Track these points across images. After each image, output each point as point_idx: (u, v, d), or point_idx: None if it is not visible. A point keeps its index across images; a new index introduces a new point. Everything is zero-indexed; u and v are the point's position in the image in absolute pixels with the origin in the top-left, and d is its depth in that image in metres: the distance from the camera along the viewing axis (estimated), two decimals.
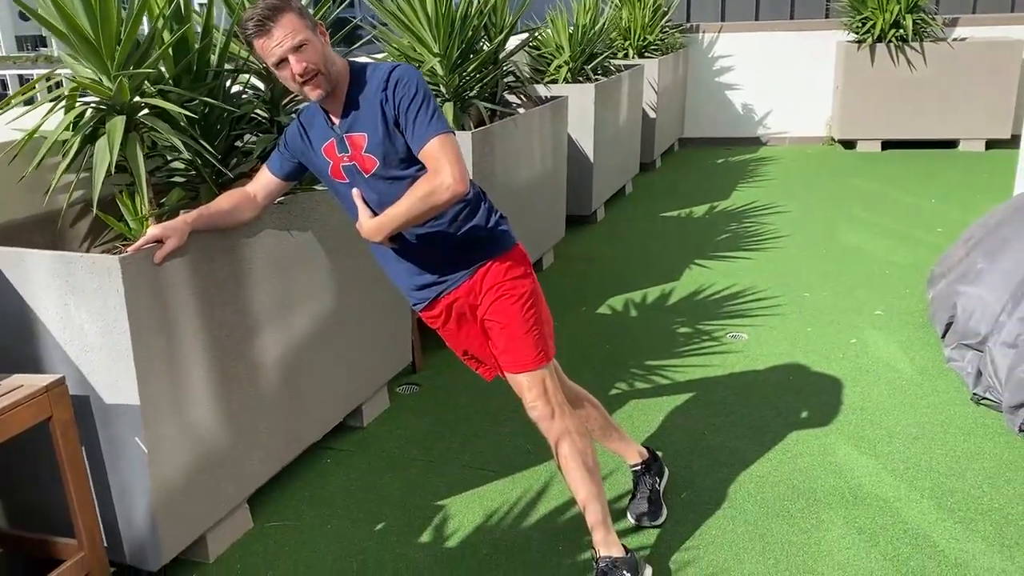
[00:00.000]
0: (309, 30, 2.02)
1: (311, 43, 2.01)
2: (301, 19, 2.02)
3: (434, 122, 2.04)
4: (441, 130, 2.04)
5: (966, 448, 2.88)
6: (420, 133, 2.04)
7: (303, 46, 2.00)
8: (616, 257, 5.18)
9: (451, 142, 2.04)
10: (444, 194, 2.01)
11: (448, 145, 2.03)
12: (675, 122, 8.40)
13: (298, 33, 1.99)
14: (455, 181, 2.00)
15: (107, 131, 2.28)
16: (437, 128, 2.03)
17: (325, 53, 2.05)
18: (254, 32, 2.00)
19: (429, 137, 2.03)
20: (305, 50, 2.00)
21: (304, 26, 2.01)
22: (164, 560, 2.28)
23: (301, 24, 2.01)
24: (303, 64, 2.00)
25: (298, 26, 2.00)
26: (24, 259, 2.11)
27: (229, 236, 2.36)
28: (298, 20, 2.01)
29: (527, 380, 2.24)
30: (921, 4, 7.51)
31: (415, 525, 2.60)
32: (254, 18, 1.99)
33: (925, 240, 5.18)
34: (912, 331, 3.85)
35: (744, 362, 3.62)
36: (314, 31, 2.04)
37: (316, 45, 2.03)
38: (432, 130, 2.03)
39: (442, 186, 2.01)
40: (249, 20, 2.00)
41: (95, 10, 2.24)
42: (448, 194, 2.01)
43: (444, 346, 3.77)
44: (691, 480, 2.77)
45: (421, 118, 2.04)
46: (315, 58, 2.02)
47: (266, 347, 2.55)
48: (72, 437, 2.00)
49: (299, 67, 2.00)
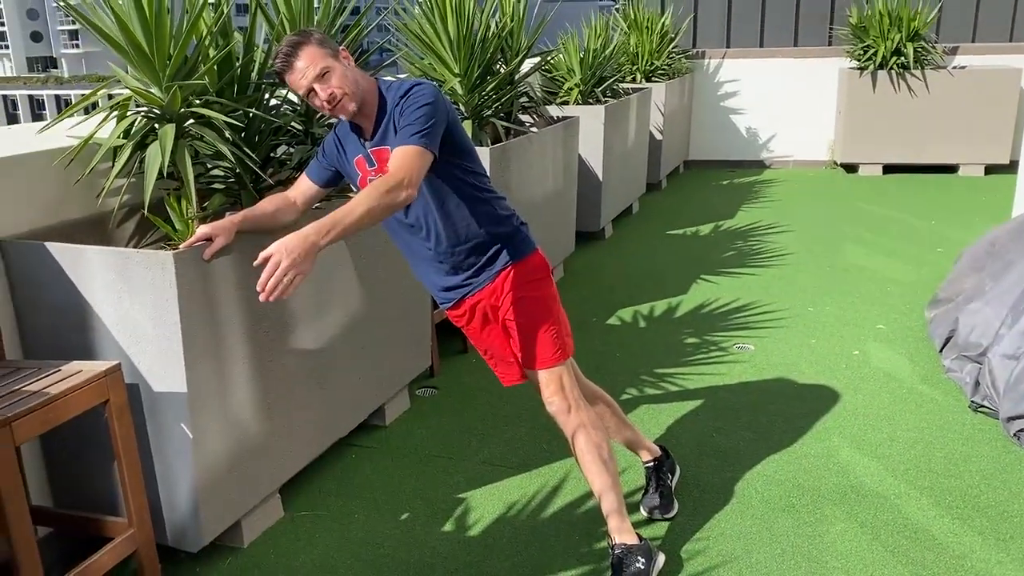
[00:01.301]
0: (330, 57, 2.18)
1: (333, 69, 2.17)
2: (321, 48, 2.17)
3: (415, 136, 2.10)
4: (417, 142, 2.08)
5: (964, 451, 3.01)
6: (400, 137, 2.13)
7: (325, 74, 2.16)
8: (624, 272, 5.34)
9: (419, 153, 2.07)
10: (390, 199, 1.99)
11: (416, 158, 2.06)
12: (681, 144, 8.58)
13: (319, 62, 2.15)
14: (402, 187, 2.00)
15: (159, 138, 2.44)
16: (415, 140, 2.09)
17: (347, 75, 2.19)
18: (281, 69, 2.18)
19: (403, 143, 2.10)
20: (328, 77, 2.16)
21: (324, 55, 2.17)
22: (204, 542, 2.41)
23: (321, 53, 2.17)
24: (328, 91, 2.17)
25: (318, 56, 2.16)
26: (82, 255, 2.26)
27: (271, 237, 2.49)
28: (318, 50, 2.17)
29: (545, 376, 2.39)
30: (922, 33, 7.72)
31: (437, 516, 2.73)
32: (279, 56, 2.17)
33: (926, 259, 5.33)
34: (912, 344, 3.99)
35: (750, 371, 3.76)
36: (336, 57, 2.19)
37: (338, 70, 2.18)
38: (411, 140, 2.09)
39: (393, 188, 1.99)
40: (276, 59, 2.19)
41: (151, 26, 2.41)
42: (393, 200, 2.00)
43: (462, 351, 3.97)
44: (700, 478, 2.90)
45: (408, 128, 2.13)
46: (338, 82, 2.17)
47: (300, 344, 2.69)
48: (126, 420, 2.14)
49: (325, 94, 2.17)
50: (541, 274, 2.41)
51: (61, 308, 2.32)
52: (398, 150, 2.12)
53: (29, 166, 2.44)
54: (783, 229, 6.22)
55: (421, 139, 2.11)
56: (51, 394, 1.96)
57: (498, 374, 2.57)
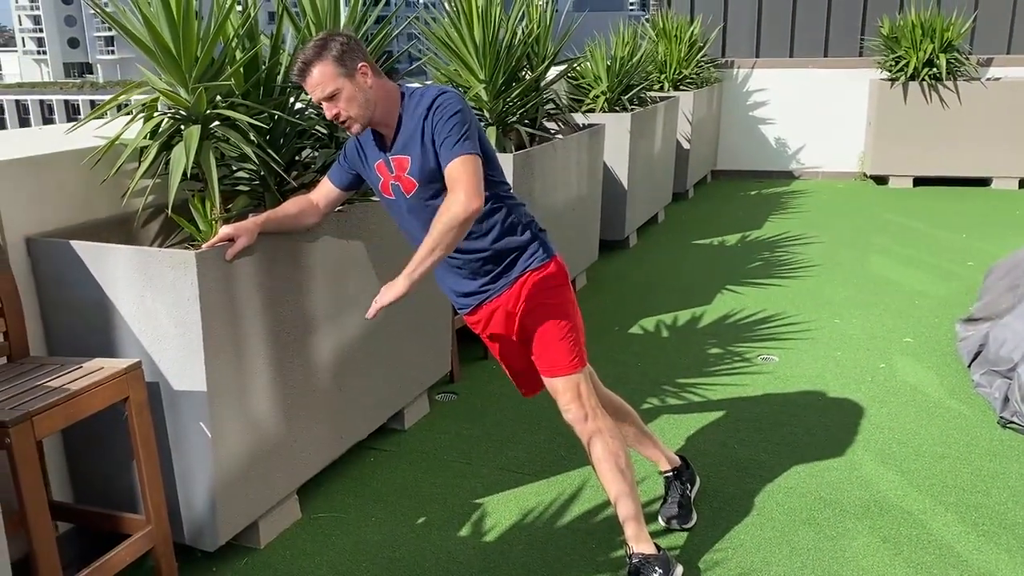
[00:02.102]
0: (343, 77, 2.16)
1: (343, 91, 2.17)
2: (336, 66, 2.16)
3: (459, 144, 2.15)
4: (463, 151, 2.15)
5: (991, 468, 2.95)
6: (445, 155, 2.17)
7: (334, 96, 2.17)
8: (648, 281, 5.31)
9: (472, 163, 2.14)
10: (461, 213, 2.10)
11: (469, 166, 2.13)
12: (708, 154, 8.54)
13: (328, 85, 2.16)
14: (468, 198, 2.10)
15: (184, 139, 2.46)
16: (460, 151, 2.15)
17: (356, 97, 2.18)
18: (297, 79, 2.21)
19: (451, 158, 2.16)
20: (336, 99, 2.17)
21: (336, 75, 2.16)
22: (220, 541, 2.42)
23: (333, 74, 2.15)
24: (333, 111, 2.20)
25: (329, 77, 2.15)
26: (106, 253, 2.28)
27: (292, 239, 2.52)
28: (331, 69, 2.15)
29: (562, 384, 2.37)
30: (955, 44, 7.62)
31: (454, 521, 2.72)
32: (296, 65, 2.19)
33: (956, 273, 5.25)
34: (941, 358, 3.92)
35: (774, 383, 3.72)
36: (350, 76, 2.17)
37: (349, 91, 2.17)
38: (455, 152, 2.15)
39: (458, 204, 2.10)
40: (293, 68, 2.20)
41: (178, 27, 2.43)
42: (463, 210, 2.10)
43: (481, 358, 3.96)
44: (720, 489, 2.86)
45: (450, 141, 2.16)
46: (344, 105, 2.18)
47: (320, 346, 2.70)
48: (146, 417, 2.16)
49: (330, 114, 2.20)
50: (559, 281, 2.40)
51: (85, 306, 2.34)
52: (450, 167, 2.15)
53: (57, 165, 2.48)
54: (811, 240, 6.16)
55: (465, 145, 2.15)
56: (71, 390, 1.98)
57: (517, 384, 2.56)
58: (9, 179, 2.34)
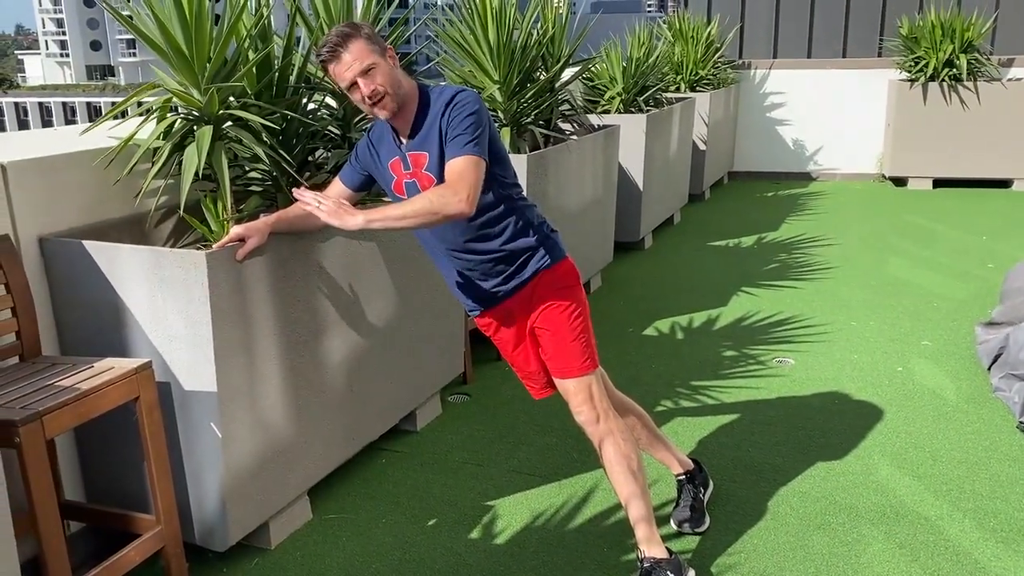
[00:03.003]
0: (377, 55, 2.17)
1: (379, 66, 2.16)
2: (370, 44, 2.16)
3: (469, 144, 2.14)
4: (473, 151, 2.14)
5: (1011, 473, 2.91)
6: (452, 149, 2.15)
7: (371, 70, 2.15)
8: (663, 283, 5.28)
9: (477, 167, 2.13)
10: (449, 209, 2.06)
11: (472, 168, 2.12)
12: (725, 155, 8.49)
13: (366, 58, 2.15)
14: (463, 202, 2.07)
15: (196, 139, 2.47)
16: (469, 150, 2.14)
17: (393, 75, 2.19)
18: (327, 58, 2.17)
19: (458, 155, 2.14)
20: (373, 74, 2.16)
21: (372, 51, 2.16)
22: (231, 542, 2.42)
23: (369, 49, 2.16)
24: (371, 87, 2.16)
25: (366, 52, 2.15)
26: (118, 253, 2.29)
27: (304, 240, 2.52)
28: (367, 46, 2.16)
29: (574, 385, 2.35)
30: (976, 44, 7.54)
31: (465, 523, 2.71)
32: (327, 44, 2.16)
33: (976, 275, 5.19)
34: (959, 362, 3.87)
35: (789, 386, 3.68)
36: (383, 55, 2.18)
37: (384, 68, 2.17)
38: (464, 150, 2.13)
39: (450, 203, 2.06)
40: (323, 47, 2.17)
41: (191, 28, 2.44)
42: (453, 211, 2.07)
43: (494, 359, 3.95)
44: (734, 493, 2.84)
45: (461, 138, 2.15)
46: (383, 80, 2.16)
47: (331, 347, 2.70)
48: (156, 417, 2.16)
49: (368, 89, 2.16)
50: (571, 281, 2.39)
51: (97, 305, 2.35)
52: (455, 161, 2.13)
53: (70, 166, 2.49)
54: (828, 242, 6.10)
55: (475, 147, 2.14)
56: (82, 390, 1.99)
57: (528, 386, 2.54)
58: (23, 179, 2.35)
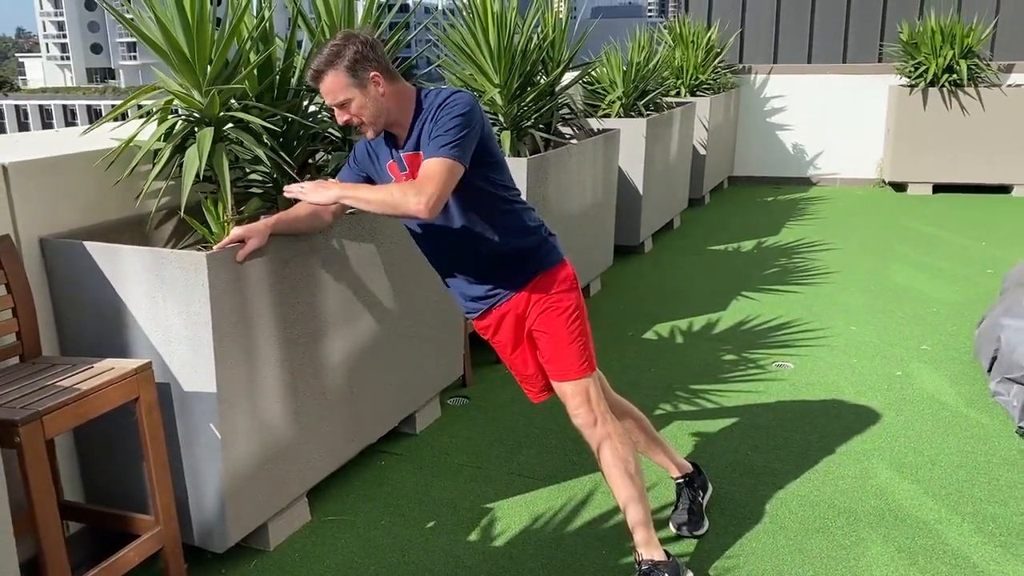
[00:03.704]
0: (354, 87, 2.16)
1: (354, 99, 2.18)
2: (346, 77, 2.15)
3: (447, 147, 2.11)
4: (448, 154, 2.09)
5: (1010, 478, 2.91)
6: (430, 149, 2.13)
7: (344, 104, 2.19)
8: (662, 287, 5.28)
9: (450, 171, 2.09)
10: (407, 206, 2.07)
11: (445, 172, 2.08)
12: (725, 160, 8.50)
13: (339, 94, 2.17)
14: (425, 205, 2.05)
15: (197, 141, 2.47)
16: (446, 152, 2.10)
17: (372, 103, 2.19)
18: (311, 82, 2.22)
19: (437, 154, 2.11)
20: (348, 106, 2.19)
21: (347, 84, 2.16)
22: (229, 543, 2.42)
23: (344, 83, 2.16)
24: (344, 118, 2.21)
25: (340, 86, 2.16)
26: (118, 254, 2.29)
27: (304, 241, 2.53)
28: (342, 79, 2.16)
29: (571, 388, 2.36)
30: (976, 50, 7.55)
31: (463, 526, 2.71)
32: (310, 71, 2.20)
33: (975, 280, 5.19)
34: (959, 366, 3.88)
35: (789, 390, 3.68)
36: (361, 85, 2.16)
37: (359, 100, 2.18)
38: (442, 152, 2.10)
39: (411, 201, 2.06)
40: (308, 72, 2.21)
41: (192, 30, 2.45)
42: (411, 209, 2.06)
43: (494, 362, 3.95)
44: (733, 496, 2.84)
45: (440, 139, 2.12)
46: (357, 111, 2.19)
47: (331, 348, 2.70)
48: (156, 418, 2.16)
49: (341, 120, 2.22)
50: (569, 285, 2.39)
51: (97, 306, 2.35)
52: (428, 162, 2.11)
53: (71, 167, 2.49)
54: (828, 247, 6.11)
55: (452, 150, 2.11)
56: (82, 390, 1.99)
57: (525, 389, 2.54)
58: (24, 180, 2.35)
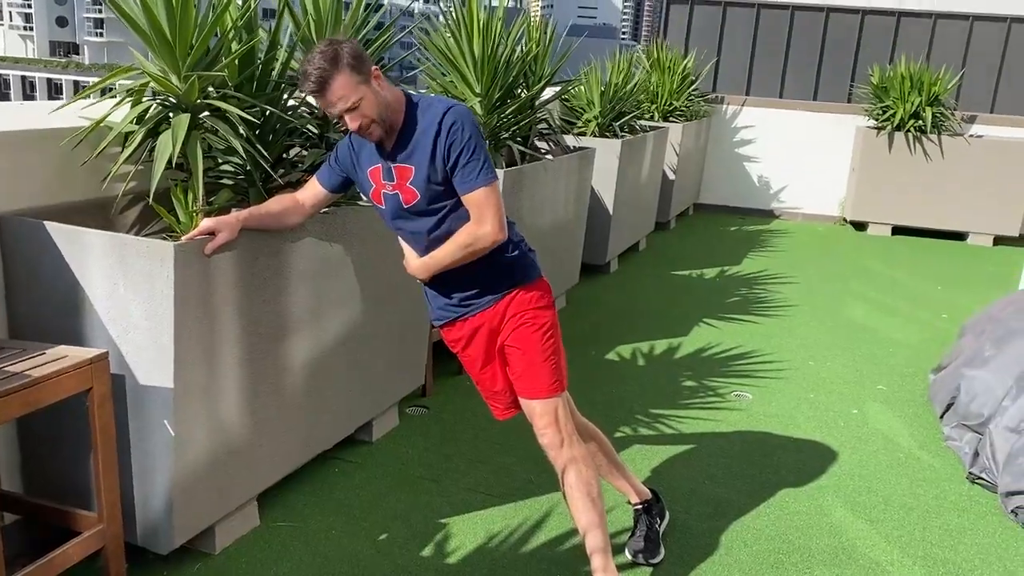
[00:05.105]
0: (363, 85, 2.10)
1: (365, 99, 2.10)
2: (353, 76, 2.08)
3: (483, 172, 2.16)
4: (487, 181, 2.17)
5: (960, 523, 2.94)
6: (469, 179, 2.15)
7: (354, 107, 2.10)
8: (626, 308, 5.28)
9: (495, 193, 2.19)
10: (485, 243, 2.20)
11: (493, 196, 2.18)
12: (692, 186, 8.58)
13: (351, 95, 2.08)
14: (494, 231, 2.18)
15: (172, 126, 2.40)
16: (485, 179, 2.16)
17: (378, 101, 2.13)
18: (312, 93, 2.10)
19: (477, 187, 2.15)
20: (360, 107, 2.10)
21: (356, 83, 2.08)
22: (174, 545, 2.33)
23: (353, 83, 2.08)
24: (357, 123, 2.12)
25: (350, 87, 2.08)
26: (80, 238, 2.20)
27: (274, 238, 2.46)
28: (350, 79, 2.07)
29: (540, 407, 2.32)
30: (942, 98, 7.73)
31: (416, 540, 2.66)
32: (311, 78, 2.07)
33: (930, 324, 5.29)
34: (912, 408, 3.93)
35: (746, 420, 3.69)
36: (367, 81, 2.11)
37: (369, 98, 2.11)
38: (481, 180, 2.15)
39: (484, 236, 2.19)
40: (307, 79, 2.08)
41: (176, 12, 2.37)
42: (489, 243, 2.20)
43: (455, 373, 3.90)
44: (688, 526, 2.82)
45: (472, 166, 2.15)
46: (369, 112, 2.11)
47: (293, 350, 2.63)
48: (108, 410, 2.08)
49: (354, 125, 2.12)
50: (546, 302, 2.37)
51: (53, 290, 2.26)
52: (474, 195, 2.16)
53: (35, 143, 2.40)
54: (788, 280, 6.18)
55: (487, 174, 2.16)
56: (33, 376, 1.90)
57: (491, 406, 2.50)
58: None
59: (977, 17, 8.36)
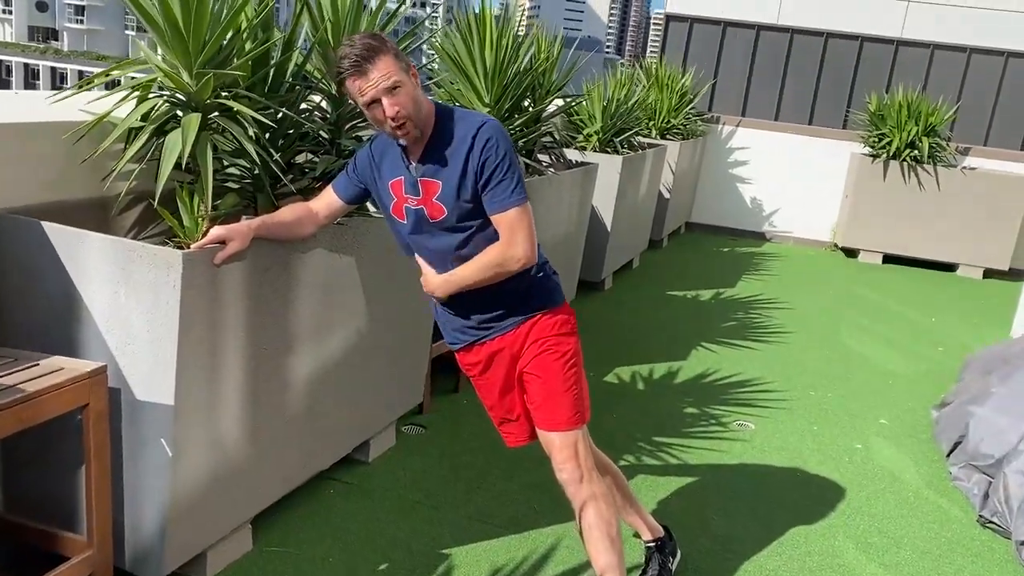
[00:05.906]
0: (403, 72, 2.00)
1: (404, 86, 1.99)
2: (396, 61, 1.99)
3: (515, 192, 2.07)
4: (520, 201, 2.08)
5: (973, 569, 2.86)
6: (500, 199, 2.06)
7: (397, 88, 1.98)
8: (624, 328, 5.19)
9: (528, 214, 2.09)
10: (515, 265, 2.11)
11: (525, 217, 2.09)
12: (686, 205, 8.52)
13: (392, 75, 1.97)
14: (526, 253, 2.09)
15: (182, 125, 2.26)
16: (517, 199, 2.07)
17: (416, 97, 2.03)
18: (349, 71, 1.97)
19: (509, 207, 2.06)
20: (399, 93, 1.98)
21: (399, 68, 1.99)
22: (165, 571, 2.19)
23: (396, 66, 1.99)
24: (395, 108, 1.98)
25: (393, 68, 1.98)
26: (82, 240, 2.06)
27: (286, 249, 2.33)
28: (394, 62, 1.99)
29: (560, 439, 2.20)
30: (938, 129, 7.74)
31: (418, 570, 2.53)
32: (350, 57, 1.96)
33: (926, 356, 5.24)
34: (916, 444, 3.86)
35: (751, 452, 3.60)
36: (407, 74, 2.02)
37: (409, 88, 2.00)
38: (512, 200, 2.06)
39: (514, 258, 2.09)
40: (345, 59, 1.97)
41: (191, 6, 2.24)
42: (518, 265, 2.10)
43: (452, 390, 3.77)
44: (698, 563, 2.72)
45: (505, 185, 2.05)
46: (407, 102, 1.99)
47: (297, 367, 2.49)
48: (103, 429, 1.94)
49: (392, 110, 1.98)
50: (569, 328, 2.26)
51: (48, 295, 2.11)
52: (505, 215, 2.06)
53: (34, 136, 2.25)
54: (783, 306, 6.12)
55: (520, 194, 2.08)
56: (26, 392, 1.76)
57: (504, 433, 2.38)
58: None
59: (975, 50, 8.39)
